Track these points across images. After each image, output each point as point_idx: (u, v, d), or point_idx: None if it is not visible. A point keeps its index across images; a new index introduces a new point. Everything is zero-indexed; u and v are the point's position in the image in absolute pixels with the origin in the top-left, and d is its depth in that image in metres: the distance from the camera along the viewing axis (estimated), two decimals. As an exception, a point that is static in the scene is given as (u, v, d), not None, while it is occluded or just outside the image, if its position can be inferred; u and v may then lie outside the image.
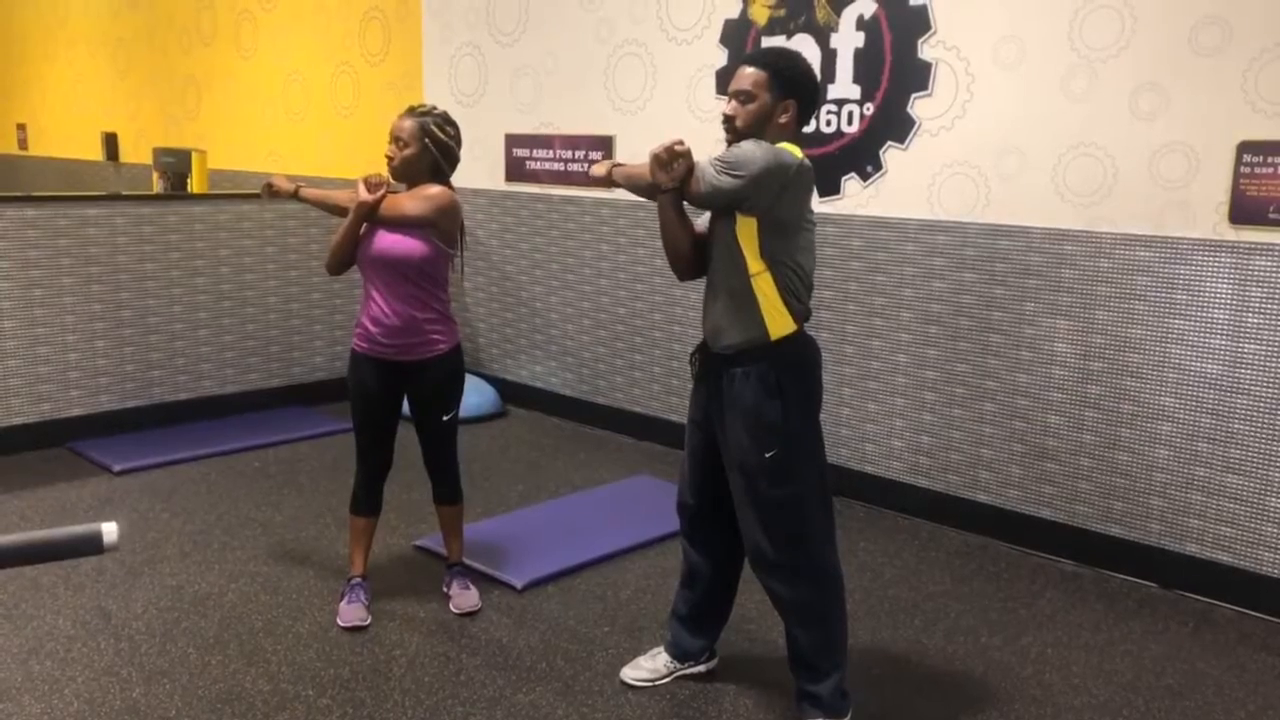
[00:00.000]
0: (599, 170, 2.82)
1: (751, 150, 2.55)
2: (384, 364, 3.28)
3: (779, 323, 2.64)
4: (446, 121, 3.27)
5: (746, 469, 2.68)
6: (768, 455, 2.64)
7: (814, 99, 2.75)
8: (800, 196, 2.63)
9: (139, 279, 5.18)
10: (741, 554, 2.96)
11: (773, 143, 2.62)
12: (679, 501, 2.99)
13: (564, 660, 3.14)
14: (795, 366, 2.69)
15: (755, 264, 2.62)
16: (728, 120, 2.67)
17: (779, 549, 2.70)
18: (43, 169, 10.11)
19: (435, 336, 3.28)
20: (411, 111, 3.25)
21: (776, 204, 2.58)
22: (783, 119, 2.65)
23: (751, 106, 2.63)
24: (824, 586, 2.73)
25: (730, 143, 2.67)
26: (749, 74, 2.65)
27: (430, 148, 3.22)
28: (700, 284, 2.82)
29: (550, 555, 3.81)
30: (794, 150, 2.61)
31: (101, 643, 3.18)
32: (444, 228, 3.22)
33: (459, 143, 3.30)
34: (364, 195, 3.17)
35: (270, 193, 3.45)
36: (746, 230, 2.60)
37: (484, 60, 5.84)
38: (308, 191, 3.39)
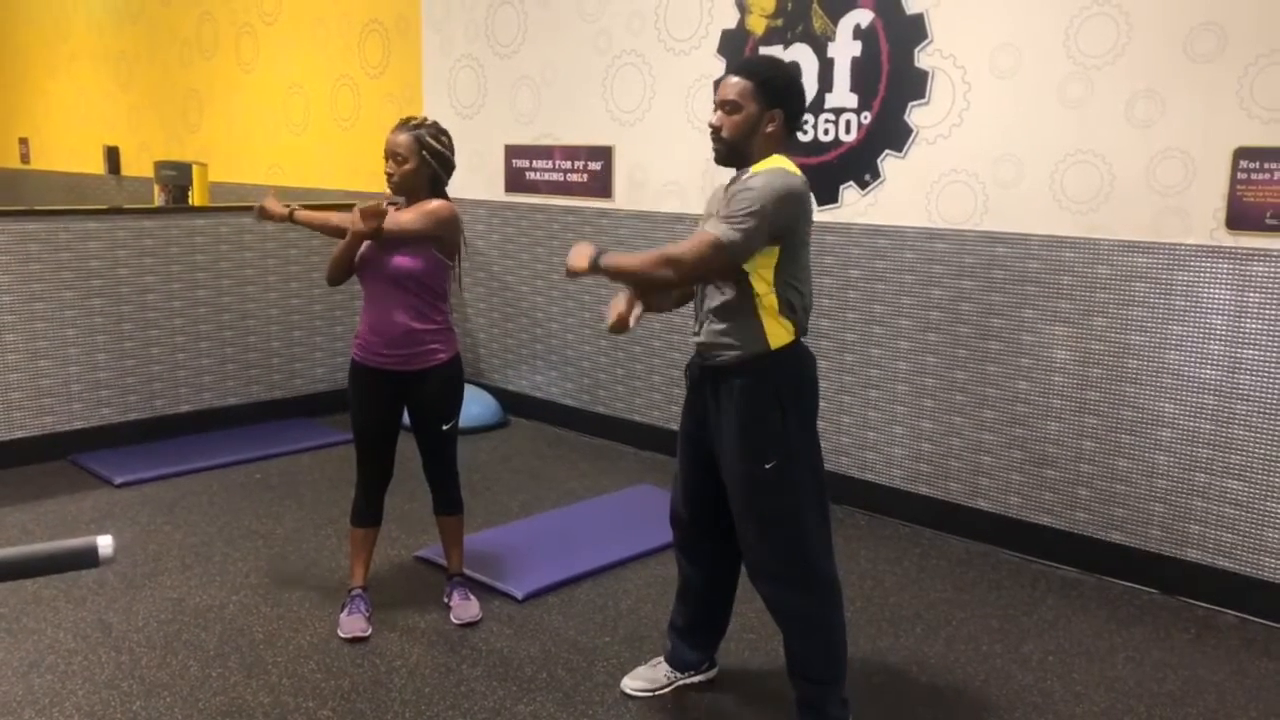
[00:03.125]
0: (579, 264, 2.63)
1: (759, 189, 2.50)
2: (384, 374, 3.29)
3: (778, 334, 2.63)
4: (439, 131, 3.28)
5: (746, 480, 2.66)
6: (767, 466, 2.62)
7: (801, 108, 2.69)
8: (809, 214, 2.63)
9: (140, 292, 5.20)
10: (737, 565, 2.95)
11: (762, 154, 2.60)
12: (672, 514, 2.97)
13: (564, 671, 3.14)
14: (793, 376, 2.68)
15: (763, 286, 2.59)
16: (714, 131, 2.63)
17: (778, 560, 2.69)
18: (45, 183, 10.14)
19: (435, 347, 3.29)
20: (404, 125, 3.25)
21: (794, 228, 2.57)
22: (770, 129, 2.61)
23: (737, 117, 2.59)
24: (823, 596, 2.72)
25: (718, 152, 2.65)
26: (734, 84, 2.60)
27: (429, 160, 3.24)
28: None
29: (551, 565, 3.81)
30: (791, 167, 2.59)
31: (102, 656, 3.18)
32: (447, 240, 3.24)
33: (453, 151, 3.32)
34: (358, 227, 3.14)
35: (262, 215, 3.44)
36: (766, 260, 2.56)
37: (483, 72, 5.86)
38: (302, 214, 3.38)
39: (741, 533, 2.73)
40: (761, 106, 2.59)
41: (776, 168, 2.58)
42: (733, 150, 2.63)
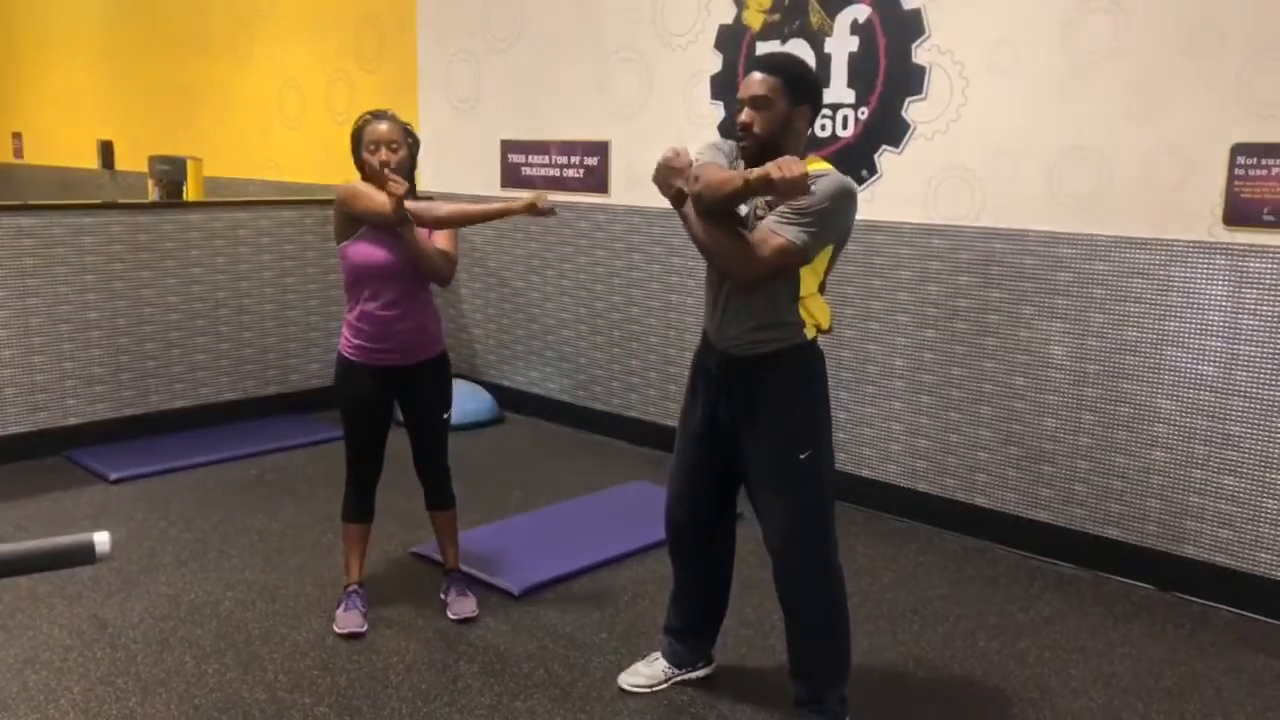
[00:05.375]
0: (680, 180, 2.59)
1: (825, 192, 2.47)
2: (383, 371, 3.29)
3: (811, 327, 2.64)
4: None
5: (782, 471, 2.64)
6: (803, 456, 2.61)
7: (821, 106, 2.74)
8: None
9: (135, 287, 5.18)
10: (732, 563, 2.96)
11: (795, 151, 2.58)
12: (669, 517, 2.94)
13: (561, 667, 3.14)
14: (821, 367, 2.70)
15: (812, 282, 2.60)
16: (745, 129, 2.58)
17: (807, 554, 2.67)
18: (38, 177, 10.11)
19: (436, 334, 3.37)
20: (383, 116, 3.28)
21: (850, 228, 2.60)
22: (799, 125, 2.61)
23: (770, 113, 2.55)
24: (837, 592, 2.72)
25: (748, 150, 2.60)
26: (761, 80, 2.57)
27: (412, 147, 3.30)
28: (696, 288, 2.80)
29: (547, 561, 3.81)
30: (828, 166, 2.59)
31: (98, 652, 3.17)
32: None
33: None
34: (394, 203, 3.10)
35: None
36: (822, 257, 2.57)
37: (479, 67, 5.84)
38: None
39: (774, 530, 2.70)
40: (790, 103, 2.57)
41: (829, 169, 2.57)
42: (765, 147, 2.57)
